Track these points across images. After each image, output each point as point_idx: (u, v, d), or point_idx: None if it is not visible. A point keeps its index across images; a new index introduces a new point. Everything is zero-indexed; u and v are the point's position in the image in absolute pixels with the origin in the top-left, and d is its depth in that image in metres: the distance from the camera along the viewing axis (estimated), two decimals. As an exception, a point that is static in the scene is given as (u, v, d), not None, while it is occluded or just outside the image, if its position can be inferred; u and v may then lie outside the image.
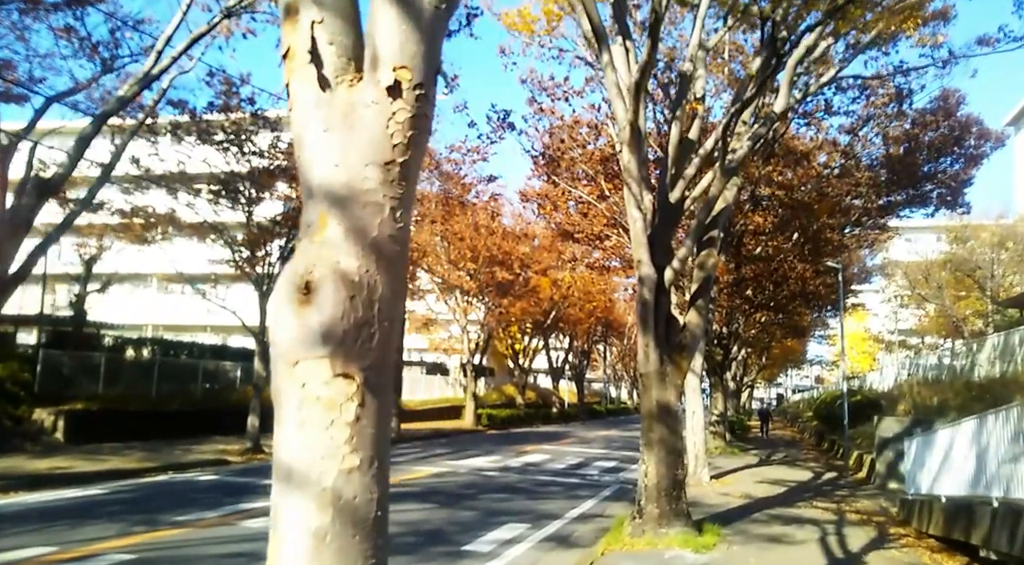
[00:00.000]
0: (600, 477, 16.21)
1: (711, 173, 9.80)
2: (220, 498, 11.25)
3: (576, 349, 53.16)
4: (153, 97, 14.25)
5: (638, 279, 9.07)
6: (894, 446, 15.63)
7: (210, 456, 17.01)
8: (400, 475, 14.97)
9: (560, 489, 14.00)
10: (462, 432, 31.14)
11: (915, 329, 48.69)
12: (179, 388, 23.06)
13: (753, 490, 14.22)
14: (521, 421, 39.29)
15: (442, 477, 15.03)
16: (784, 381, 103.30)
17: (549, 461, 19.33)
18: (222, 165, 18.52)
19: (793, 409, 67.37)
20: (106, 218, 19.60)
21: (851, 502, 12.93)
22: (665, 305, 9.34)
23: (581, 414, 52.79)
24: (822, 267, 21.10)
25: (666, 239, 9.61)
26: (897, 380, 31.93)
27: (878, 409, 25.05)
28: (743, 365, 38.28)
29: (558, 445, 25.60)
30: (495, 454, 20.83)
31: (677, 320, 9.63)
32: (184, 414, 21.52)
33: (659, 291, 9.14)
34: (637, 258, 9.06)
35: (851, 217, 19.68)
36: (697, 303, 9.68)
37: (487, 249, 29.50)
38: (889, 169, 19.59)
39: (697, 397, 16.38)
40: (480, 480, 14.79)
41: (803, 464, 20.68)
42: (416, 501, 11.70)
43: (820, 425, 36.68)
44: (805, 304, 25.96)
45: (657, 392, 9.03)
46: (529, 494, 13.11)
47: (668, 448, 8.99)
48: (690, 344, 9.47)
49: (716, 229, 10.06)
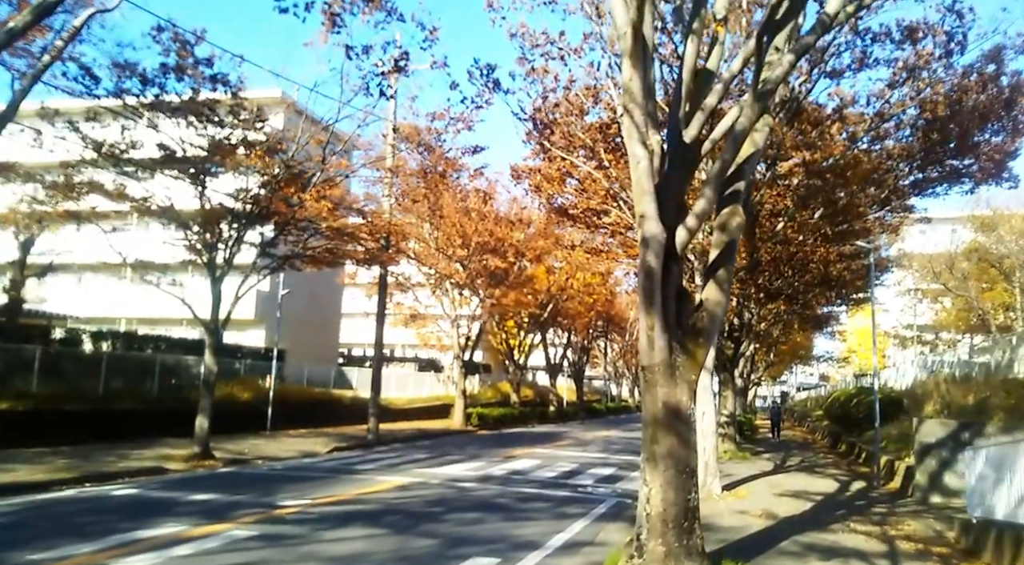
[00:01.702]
0: (595, 488, 13.97)
1: (737, 108, 7.53)
2: (116, 523, 9.02)
3: (575, 345, 50.90)
4: (63, 35, 11.97)
5: (640, 241, 6.81)
6: (937, 453, 13.38)
7: (148, 463, 14.79)
8: (357, 488, 12.73)
9: (546, 506, 11.75)
10: (449, 433, 28.90)
11: (932, 324, 46.37)
12: (133, 385, 20.83)
13: (774, 506, 11.97)
14: (515, 421, 37.04)
15: (407, 490, 12.78)
16: (788, 378, 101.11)
17: (538, 468, 17.09)
18: (173, 133, 16.26)
19: (800, 408, 65.13)
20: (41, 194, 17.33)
21: (896, 524, 10.67)
22: (676, 276, 7.09)
23: (580, 413, 50.58)
24: (852, 248, 18.75)
25: (679, 190, 7.36)
26: (917, 378, 29.67)
27: (899, 409, 22.82)
28: (750, 361, 36.00)
29: (552, 448, 23.36)
30: (479, 459, 18.58)
31: (691, 296, 7.38)
32: (134, 414, 19.29)
33: (669, 257, 6.89)
34: (640, 211, 6.80)
35: (883, 192, 17.33)
36: (717, 274, 7.42)
37: (478, 234, 27.24)
38: (924, 138, 17.26)
39: (708, 396, 14.13)
40: (452, 494, 12.54)
41: (823, 471, 18.42)
42: (364, 524, 9.47)
43: (833, 426, 34.43)
44: (828, 292, 23.64)
45: (665, 390, 6.79)
46: (507, 513, 10.86)
47: (678, 465, 6.74)
48: (708, 328, 7.21)
49: (742, 180, 7.78)
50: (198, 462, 15.57)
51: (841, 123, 16.37)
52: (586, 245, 22.06)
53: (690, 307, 7.24)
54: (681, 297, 7.17)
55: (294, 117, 17.60)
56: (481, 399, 42.05)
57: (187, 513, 9.82)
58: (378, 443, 22.67)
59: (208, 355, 16.51)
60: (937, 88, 15.66)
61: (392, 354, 55.08)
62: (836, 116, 15.29)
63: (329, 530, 9.01)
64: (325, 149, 16.38)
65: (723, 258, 7.53)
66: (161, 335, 28.39)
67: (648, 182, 6.76)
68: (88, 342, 24.58)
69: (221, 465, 15.72)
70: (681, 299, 7.18)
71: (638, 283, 7.02)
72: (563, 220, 21.05)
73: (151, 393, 20.98)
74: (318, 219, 16.42)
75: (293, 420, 25.36)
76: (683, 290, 7.30)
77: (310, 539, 8.48)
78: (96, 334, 25.22)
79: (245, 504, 10.71)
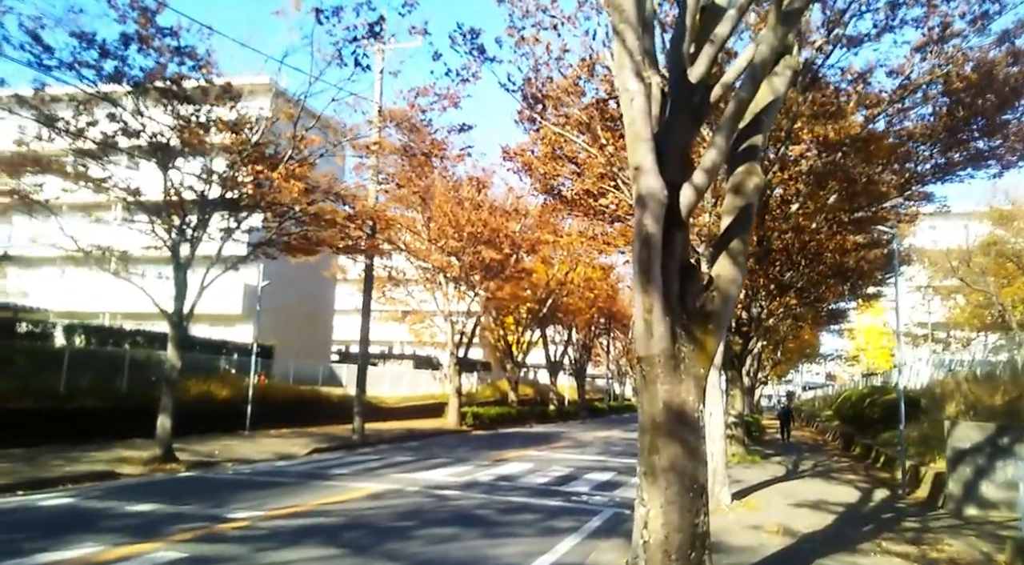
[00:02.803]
0: (590, 497, 12.62)
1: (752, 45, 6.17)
2: (23, 542, 7.69)
3: (576, 342, 49.50)
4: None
5: (636, 200, 5.46)
6: (973, 460, 11.99)
7: (100, 467, 13.48)
8: (325, 496, 11.40)
9: (533, 518, 10.40)
10: (442, 433, 27.54)
11: (945, 321, 44.90)
12: (101, 382, 19.51)
13: (792, 519, 10.60)
14: (513, 420, 35.69)
15: (380, 499, 11.44)
16: (794, 378, 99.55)
17: (530, 473, 15.73)
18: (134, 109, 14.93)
19: (807, 408, 63.67)
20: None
21: (934, 543, 9.28)
22: (680, 246, 5.74)
23: (581, 412, 49.22)
24: (867, 237, 17.33)
25: (684, 140, 6.00)
26: (934, 377, 28.25)
27: (917, 409, 21.44)
28: (757, 359, 34.59)
29: (548, 450, 22.00)
30: (467, 462, 17.24)
31: (699, 271, 6.03)
32: (99, 413, 17.97)
33: (671, 222, 5.54)
34: (635, 163, 5.45)
35: (904, 175, 15.89)
36: (731, 246, 6.06)
37: (471, 224, 25.85)
38: (949, 117, 15.82)
39: (717, 394, 12.76)
40: (429, 504, 11.20)
41: (840, 477, 17.03)
42: (318, 543, 8.13)
43: (845, 427, 33.01)
44: (842, 285, 22.21)
45: (666, 387, 5.44)
46: (487, 528, 9.52)
47: (683, 481, 5.40)
48: (719, 310, 5.85)
49: (759, 134, 6.42)
50: (158, 465, 14.27)
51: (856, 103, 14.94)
52: (584, 234, 20.70)
53: (698, 285, 5.87)
54: (686, 272, 5.81)
55: (283, 104, 16.18)
56: (479, 398, 40.74)
57: (114, 529, 8.50)
58: (363, 444, 21.36)
59: (171, 349, 15.18)
60: (959, 62, 14.25)
61: (390, 351, 53.82)
62: (857, 87, 13.86)
63: (274, 551, 7.68)
64: (296, 125, 15.04)
65: (737, 226, 6.16)
66: (140, 329, 27.13)
67: (645, 125, 5.41)
68: (61, 336, 23.34)
69: (184, 469, 14.42)
70: (687, 275, 5.81)
71: (633, 254, 5.65)
72: (558, 207, 19.69)
73: (120, 390, 19.65)
74: (289, 201, 15.08)
75: (276, 419, 24.05)
76: (689, 264, 5.94)
77: (246, 564, 7.16)
78: (69, 328, 23.96)
79: (188, 517, 9.39)
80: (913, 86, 14.44)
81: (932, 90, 15.49)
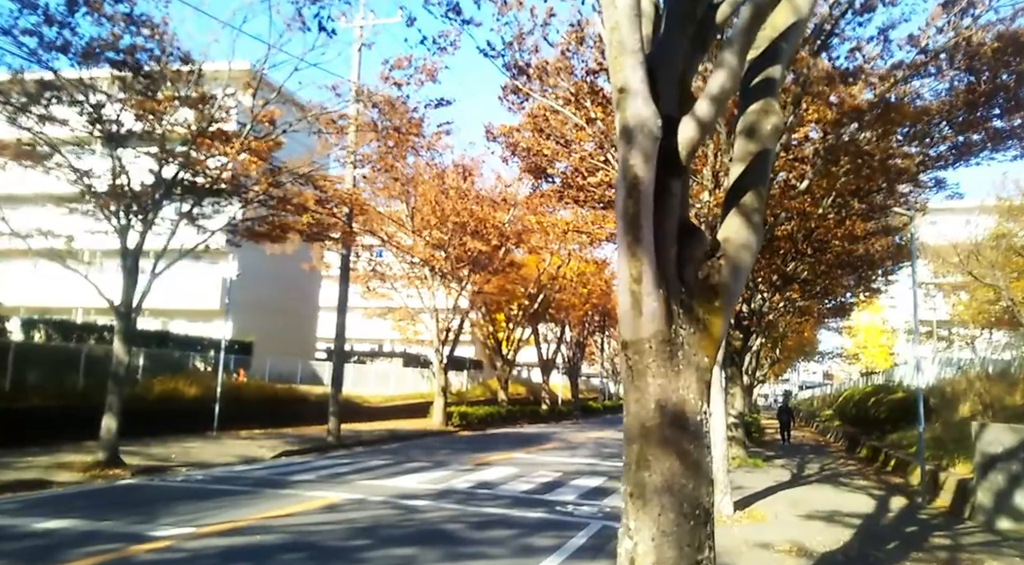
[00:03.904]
0: (577, 507, 11.29)
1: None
2: None
3: (570, 340, 48.15)
4: None
5: (620, 133, 4.12)
6: (1006, 467, 10.69)
7: (31, 474, 12.11)
8: (274, 508, 10.04)
9: (508, 534, 9.06)
10: (426, 434, 26.17)
11: (949, 319, 43.72)
12: (53, 380, 18.12)
13: (804, 534, 9.28)
14: (502, 420, 34.32)
15: (336, 511, 10.09)
16: (791, 376, 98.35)
17: (512, 479, 14.40)
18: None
19: (806, 407, 62.48)
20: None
21: (973, 564, 7.98)
22: (678, 199, 4.43)
23: (575, 412, 47.90)
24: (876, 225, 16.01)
25: (683, 60, 4.66)
26: (942, 375, 26.99)
27: (926, 408, 20.21)
28: (756, 357, 33.26)
29: (535, 452, 20.67)
30: (445, 467, 15.90)
31: (702, 233, 4.71)
32: (43, 413, 16.54)
33: (667, 166, 4.24)
34: (619, 83, 4.12)
35: (921, 153, 14.57)
36: (743, 201, 4.72)
37: (457, 214, 24.48)
38: (969, 92, 14.52)
39: (718, 392, 11.43)
40: (392, 517, 9.85)
41: (851, 482, 15.72)
42: (243, 570, 6.79)
43: (848, 427, 31.74)
44: (849, 276, 20.88)
45: (660, 382, 4.13)
46: (453, 547, 8.18)
47: (682, 505, 4.08)
48: (728, 283, 4.50)
49: (778, 64, 5.07)
50: (100, 471, 12.89)
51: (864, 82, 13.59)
52: (573, 224, 19.37)
53: (700, 250, 4.52)
54: (686, 234, 4.47)
55: (265, 93, 14.72)
56: (469, 397, 39.39)
57: (2, 554, 7.15)
58: (338, 446, 19.99)
59: (117, 342, 13.78)
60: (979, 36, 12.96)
61: (380, 349, 52.46)
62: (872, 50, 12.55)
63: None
64: (255, 96, 13.67)
65: (751, 177, 4.82)
66: (110, 325, 25.73)
67: (632, 31, 4.07)
68: (18, 331, 21.94)
69: (128, 475, 13.04)
70: (686, 237, 4.47)
71: (616, 206, 4.31)
72: (547, 193, 18.34)
73: (74, 388, 18.25)
74: (250, 183, 13.72)
75: (249, 419, 22.67)
76: (689, 224, 4.60)
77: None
78: (27, 322, 22.58)
79: (102, 536, 8.04)
80: (937, 50, 13.16)
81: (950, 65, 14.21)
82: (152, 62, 13.96)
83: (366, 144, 18.04)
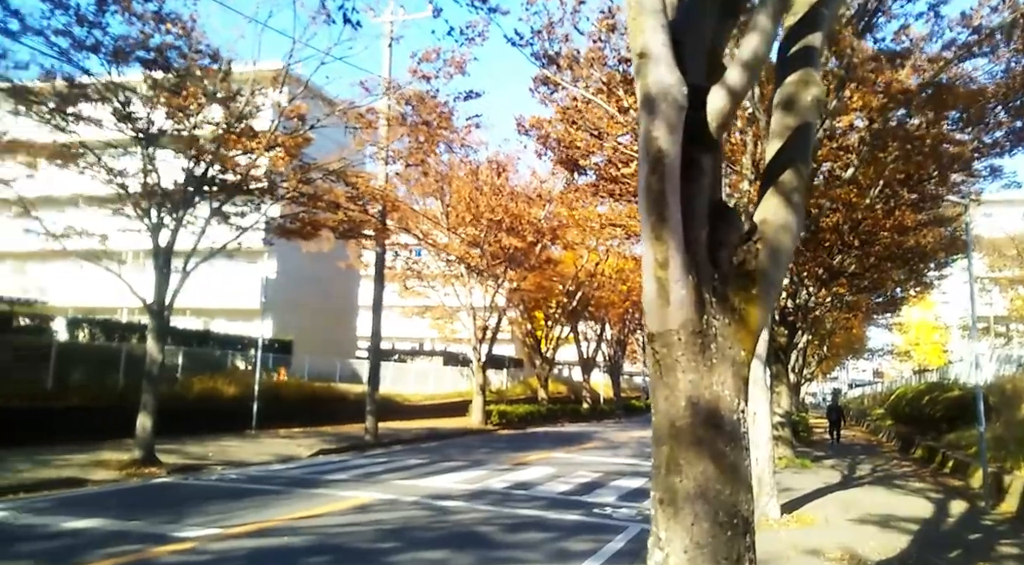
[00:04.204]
0: (616, 509, 10.90)
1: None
2: None
3: (610, 338, 47.55)
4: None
5: (642, 102, 3.75)
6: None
7: (69, 472, 12.19)
8: (304, 509, 9.86)
9: (543, 538, 8.73)
10: (465, 433, 25.98)
11: (1007, 314, 42.05)
12: (94, 379, 18.34)
13: (857, 540, 8.72)
14: (543, 419, 33.97)
15: (367, 512, 9.87)
16: (839, 375, 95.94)
17: (550, 479, 14.06)
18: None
19: (856, 406, 60.71)
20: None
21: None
22: (709, 176, 4.04)
23: (617, 411, 47.31)
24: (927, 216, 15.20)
25: (711, 30, 4.27)
26: (1001, 372, 25.77)
27: (985, 407, 19.23)
28: (803, 354, 32.28)
29: (575, 451, 20.28)
30: (481, 466, 15.63)
31: (735, 213, 4.32)
32: (84, 411, 16.69)
33: (695, 138, 3.86)
34: (639, 46, 3.76)
35: (976, 138, 13.77)
36: (782, 180, 4.31)
37: (491, 211, 24.20)
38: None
39: (761, 390, 10.91)
40: (423, 519, 9.60)
41: (905, 484, 14.98)
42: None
43: (901, 427, 30.59)
44: (899, 270, 19.99)
45: (691, 377, 3.75)
46: (485, 552, 7.87)
47: (717, 514, 3.71)
48: (767, 269, 4.10)
49: (818, 31, 4.64)
50: (136, 470, 12.94)
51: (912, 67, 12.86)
52: (607, 218, 18.93)
53: (735, 233, 4.12)
54: (719, 214, 4.07)
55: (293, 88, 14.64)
56: (509, 395, 39.15)
57: (26, 554, 7.08)
58: (376, 445, 19.90)
59: (151, 341, 13.83)
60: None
61: (421, 347, 52.60)
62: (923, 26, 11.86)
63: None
64: (281, 90, 13.59)
65: (790, 153, 4.39)
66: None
67: (653, -8, 3.69)
68: (64, 331, 22.33)
69: (164, 473, 13.06)
70: (719, 219, 4.07)
71: (639, 184, 3.94)
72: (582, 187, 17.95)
73: (115, 387, 18.45)
74: (276, 176, 13.64)
75: (288, 418, 22.75)
76: (722, 204, 4.22)
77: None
78: (73, 322, 22.98)
79: (128, 536, 7.94)
80: (988, 31, 12.38)
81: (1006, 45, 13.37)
82: (181, 59, 14.01)
83: (397, 140, 17.85)
